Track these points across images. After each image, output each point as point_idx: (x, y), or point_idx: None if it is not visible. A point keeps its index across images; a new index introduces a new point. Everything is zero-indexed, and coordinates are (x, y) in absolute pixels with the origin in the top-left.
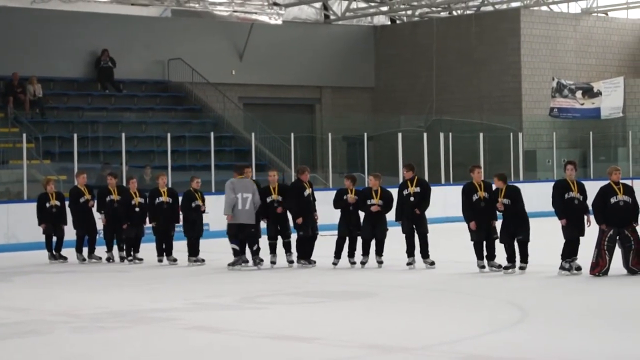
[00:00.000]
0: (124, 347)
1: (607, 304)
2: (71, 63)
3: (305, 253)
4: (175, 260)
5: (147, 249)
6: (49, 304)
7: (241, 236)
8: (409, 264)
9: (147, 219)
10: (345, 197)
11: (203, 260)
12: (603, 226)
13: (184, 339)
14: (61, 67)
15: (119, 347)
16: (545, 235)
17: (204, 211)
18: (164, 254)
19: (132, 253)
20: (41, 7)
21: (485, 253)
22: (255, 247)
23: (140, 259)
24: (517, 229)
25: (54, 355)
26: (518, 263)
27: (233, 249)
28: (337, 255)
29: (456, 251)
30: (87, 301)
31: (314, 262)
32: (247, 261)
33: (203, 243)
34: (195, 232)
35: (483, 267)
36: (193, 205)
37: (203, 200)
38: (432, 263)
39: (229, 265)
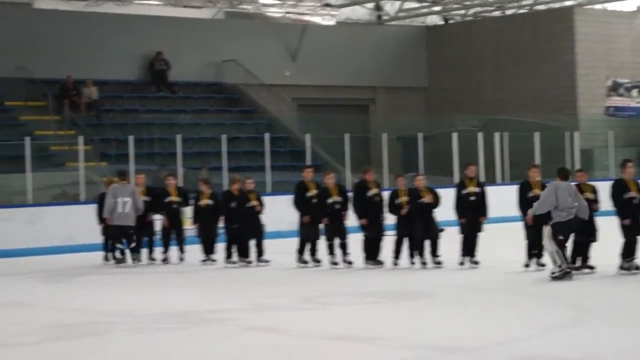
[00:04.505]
0: (182, 348)
1: None
2: (125, 65)
3: (371, 254)
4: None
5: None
6: (106, 305)
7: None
8: (461, 263)
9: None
10: (396, 202)
11: (268, 261)
12: None
13: (243, 340)
14: (115, 70)
15: (177, 348)
16: (604, 234)
17: (259, 211)
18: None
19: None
20: (95, 10)
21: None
22: (132, 245)
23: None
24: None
25: (112, 356)
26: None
27: (119, 249)
28: (397, 255)
29: (513, 251)
30: (144, 302)
31: (382, 262)
32: (123, 261)
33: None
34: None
35: (528, 265)
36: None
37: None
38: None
39: (116, 263)
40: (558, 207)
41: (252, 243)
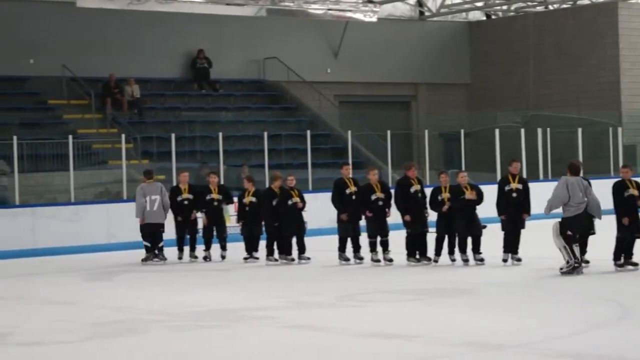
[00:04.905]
0: (222, 346)
1: None
2: (167, 63)
3: (414, 251)
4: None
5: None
6: (147, 303)
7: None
8: (504, 260)
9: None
10: (439, 198)
11: (309, 258)
12: None
13: (283, 337)
14: (158, 68)
15: (217, 346)
16: None
17: (301, 208)
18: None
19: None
20: (137, 9)
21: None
22: (160, 244)
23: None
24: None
25: (153, 353)
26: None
27: (145, 246)
28: (438, 253)
29: (555, 248)
30: (184, 300)
31: (430, 259)
32: (164, 258)
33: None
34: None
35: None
36: (290, 202)
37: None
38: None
39: (142, 260)
40: (568, 202)
41: (293, 241)
